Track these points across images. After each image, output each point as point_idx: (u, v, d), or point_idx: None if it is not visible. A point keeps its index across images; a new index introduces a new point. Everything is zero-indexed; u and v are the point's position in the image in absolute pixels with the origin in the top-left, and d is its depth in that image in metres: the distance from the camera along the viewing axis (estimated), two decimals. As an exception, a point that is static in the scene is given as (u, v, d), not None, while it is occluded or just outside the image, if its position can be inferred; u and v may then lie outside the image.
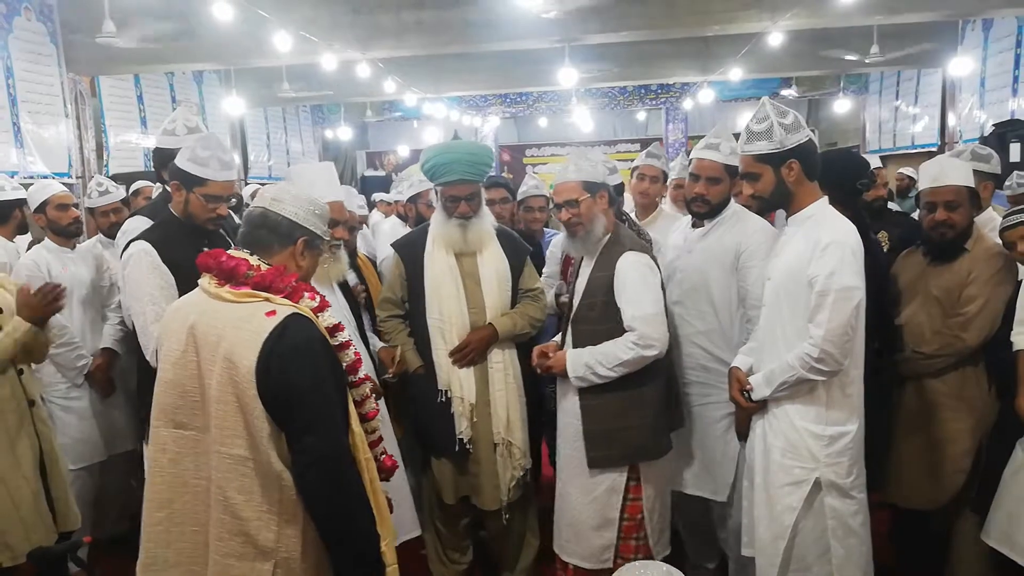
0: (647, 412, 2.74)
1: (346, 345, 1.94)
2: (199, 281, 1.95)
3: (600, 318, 2.75)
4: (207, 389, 1.83)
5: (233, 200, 2.83)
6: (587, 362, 2.71)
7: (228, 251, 1.94)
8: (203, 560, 1.86)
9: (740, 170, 2.53)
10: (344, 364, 1.94)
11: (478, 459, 3.03)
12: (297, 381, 1.78)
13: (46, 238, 3.66)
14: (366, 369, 2.12)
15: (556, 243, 3.72)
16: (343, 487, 1.83)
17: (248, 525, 1.81)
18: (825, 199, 2.45)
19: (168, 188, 2.83)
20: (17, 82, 5.19)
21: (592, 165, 2.81)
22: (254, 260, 1.89)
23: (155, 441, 1.91)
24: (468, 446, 3.01)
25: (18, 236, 3.86)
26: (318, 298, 1.92)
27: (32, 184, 3.89)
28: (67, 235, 3.65)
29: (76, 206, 3.73)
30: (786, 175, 2.39)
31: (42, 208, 3.63)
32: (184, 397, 1.87)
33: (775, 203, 2.50)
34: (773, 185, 2.41)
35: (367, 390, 2.02)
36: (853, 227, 2.40)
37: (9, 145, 5.10)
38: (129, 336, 3.70)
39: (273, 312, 1.81)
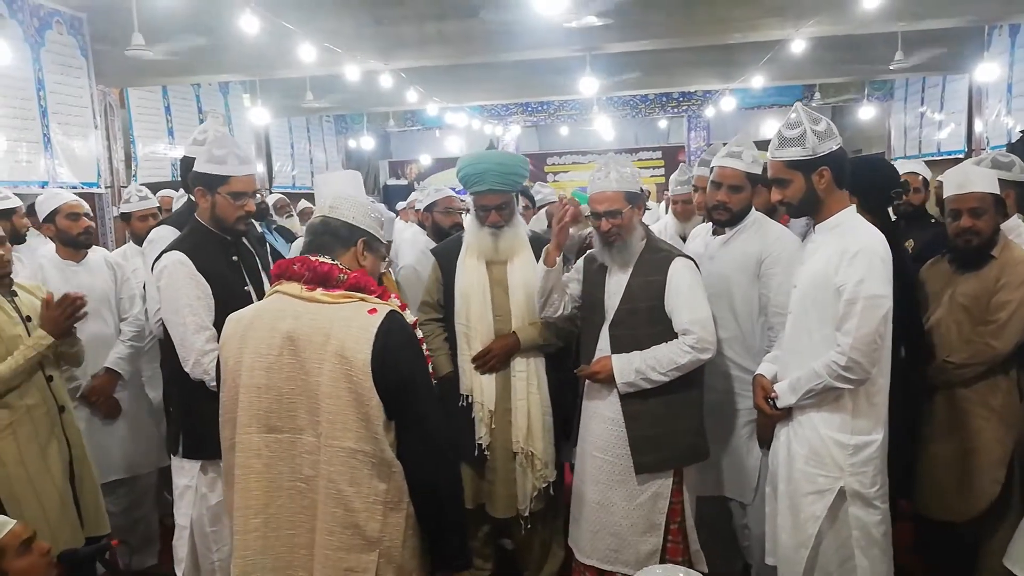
0: (696, 414, 2.77)
1: (422, 340, 2.03)
2: (279, 288, 2.00)
3: (643, 322, 2.74)
4: (314, 387, 1.88)
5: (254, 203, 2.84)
6: (638, 367, 2.69)
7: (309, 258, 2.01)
8: (300, 561, 1.92)
9: (769, 175, 2.50)
10: None
11: (494, 466, 3.04)
12: (410, 372, 1.90)
13: (54, 249, 3.54)
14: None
15: None
16: (454, 467, 2.04)
17: (358, 516, 1.88)
18: (853, 207, 2.43)
19: (192, 197, 2.86)
20: (48, 94, 5.27)
21: (631, 173, 2.80)
22: (340, 264, 1.97)
23: (246, 447, 1.95)
24: (486, 452, 3.02)
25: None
26: (399, 299, 2.02)
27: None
28: (76, 246, 3.56)
29: (88, 215, 3.62)
30: (816, 182, 2.37)
31: (51, 217, 3.52)
32: (279, 401, 1.92)
33: (803, 210, 2.47)
34: (803, 192, 2.39)
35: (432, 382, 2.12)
36: (881, 235, 2.38)
37: (39, 155, 5.19)
38: (136, 355, 3.59)
39: (374, 310, 1.90)
